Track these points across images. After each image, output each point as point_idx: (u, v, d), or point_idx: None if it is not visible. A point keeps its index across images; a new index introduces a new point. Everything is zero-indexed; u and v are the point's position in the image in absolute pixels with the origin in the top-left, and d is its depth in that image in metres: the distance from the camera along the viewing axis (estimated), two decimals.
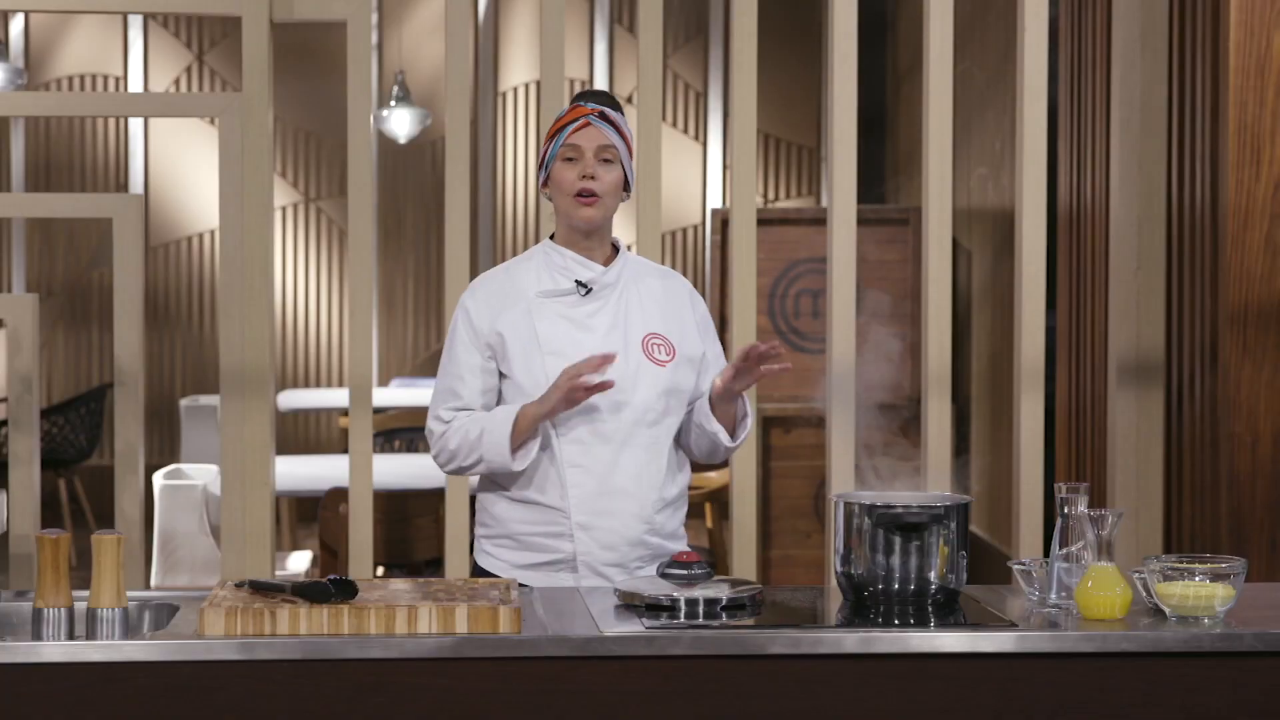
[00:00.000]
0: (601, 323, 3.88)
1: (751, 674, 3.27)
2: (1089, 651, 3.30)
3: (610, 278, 3.91)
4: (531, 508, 3.85)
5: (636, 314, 3.91)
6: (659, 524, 3.86)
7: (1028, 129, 5.38)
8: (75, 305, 11.80)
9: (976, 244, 8.94)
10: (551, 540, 3.84)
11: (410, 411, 9.30)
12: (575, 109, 3.87)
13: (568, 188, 3.85)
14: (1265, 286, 4.99)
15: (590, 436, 3.82)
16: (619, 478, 3.82)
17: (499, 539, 3.90)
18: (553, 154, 3.87)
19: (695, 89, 11.88)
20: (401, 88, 10.76)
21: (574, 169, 3.85)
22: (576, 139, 3.84)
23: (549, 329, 3.86)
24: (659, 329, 3.91)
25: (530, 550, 3.85)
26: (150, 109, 5.91)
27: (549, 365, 3.83)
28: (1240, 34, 5.00)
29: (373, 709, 3.22)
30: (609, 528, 3.82)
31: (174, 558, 6.59)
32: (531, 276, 3.92)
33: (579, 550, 3.82)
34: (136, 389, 5.34)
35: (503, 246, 11.83)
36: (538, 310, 3.88)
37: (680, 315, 3.96)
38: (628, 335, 3.88)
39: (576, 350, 3.83)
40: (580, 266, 3.90)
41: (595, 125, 3.85)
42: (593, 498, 3.81)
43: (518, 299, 3.89)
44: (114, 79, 11.76)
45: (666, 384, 3.87)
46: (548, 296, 3.89)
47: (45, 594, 3.24)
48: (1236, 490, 5.00)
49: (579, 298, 3.89)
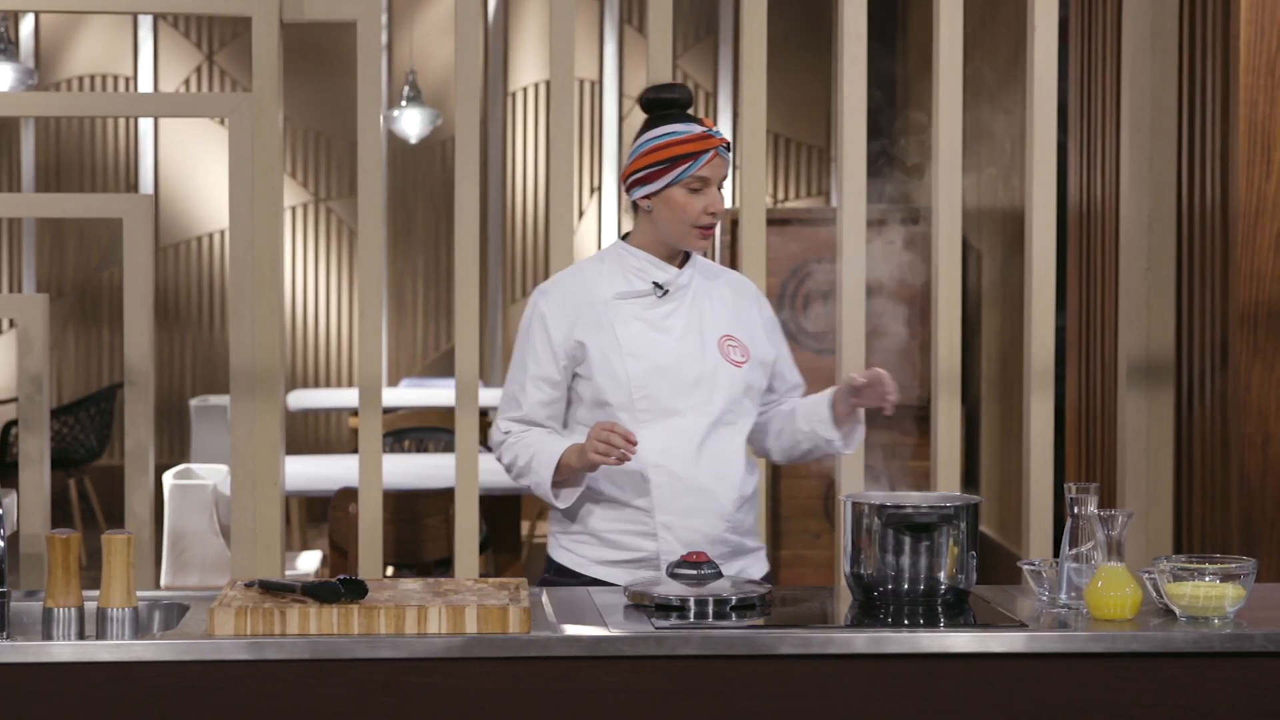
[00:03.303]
0: (677, 324, 3.89)
1: (761, 674, 3.27)
2: (1099, 652, 3.30)
3: (684, 279, 3.92)
4: (614, 506, 3.88)
5: (710, 315, 3.92)
6: (738, 521, 3.89)
7: (1038, 129, 5.37)
8: (85, 305, 11.81)
9: (986, 244, 8.94)
10: (634, 539, 3.86)
11: (420, 411, 9.30)
12: (706, 139, 3.82)
13: (690, 218, 3.84)
14: (1276, 286, 4.99)
15: (671, 436, 3.83)
16: (700, 477, 3.83)
17: (579, 535, 3.92)
18: (676, 179, 3.82)
19: (705, 89, 11.88)
20: (412, 88, 10.77)
21: (699, 200, 3.83)
22: (706, 172, 3.82)
23: (627, 331, 3.87)
24: (731, 330, 3.92)
25: (612, 548, 3.88)
26: (160, 109, 5.91)
27: (630, 367, 3.84)
28: (1250, 33, 4.99)
29: (382, 709, 3.22)
30: (691, 526, 3.84)
31: (184, 557, 6.60)
32: (604, 279, 3.92)
33: (661, 549, 3.84)
34: (146, 389, 5.34)
35: (512, 247, 11.83)
36: (614, 313, 3.88)
37: (749, 317, 3.99)
38: (703, 336, 3.89)
39: (655, 352, 3.85)
40: (655, 268, 3.91)
41: (721, 156, 3.84)
42: (675, 497, 3.83)
43: (593, 302, 3.89)
44: (124, 79, 11.77)
45: (743, 384, 3.90)
46: (624, 298, 3.89)
47: (55, 594, 3.25)
48: (1247, 490, 4.99)
49: (655, 299, 3.90)
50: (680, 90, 3.90)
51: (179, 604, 3.57)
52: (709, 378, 3.86)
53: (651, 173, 3.85)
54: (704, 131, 3.83)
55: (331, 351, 11.92)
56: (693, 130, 3.83)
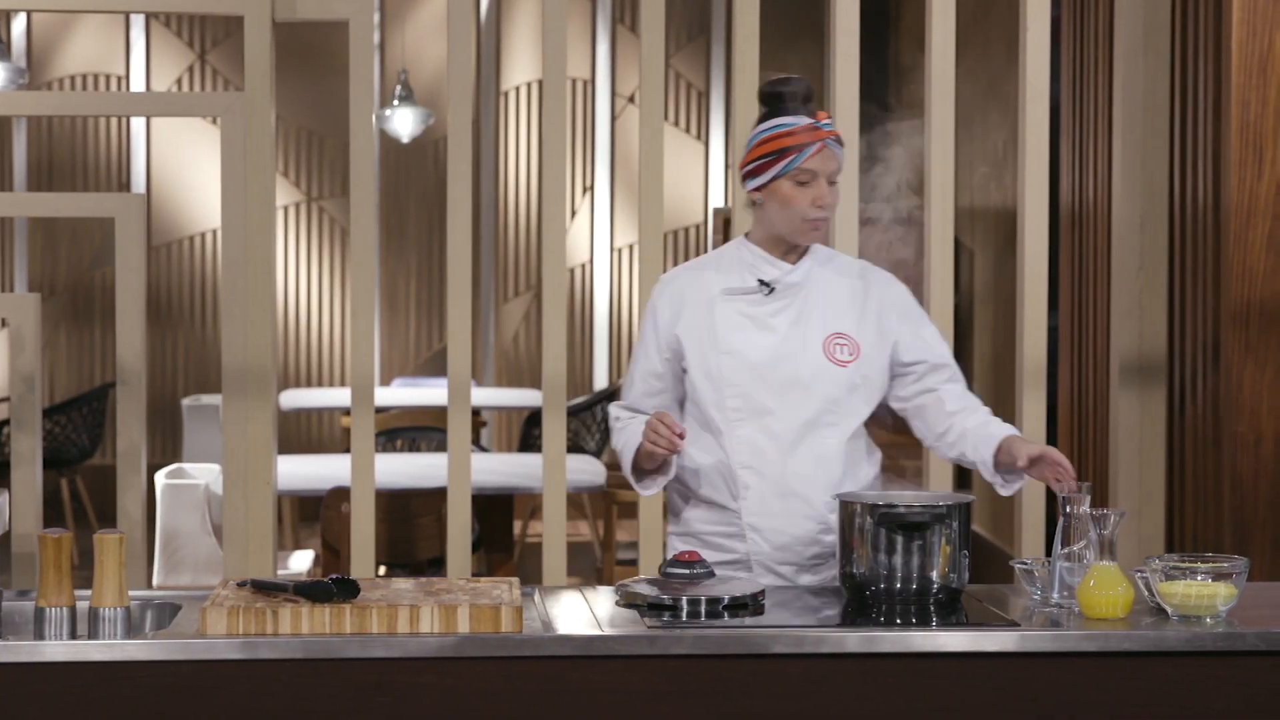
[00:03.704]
0: (783, 322, 3.85)
1: (754, 673, 3.27)
2: (1091, 651, 3.30)
3: (796, 277, 3.88)
4: (709, 507, 3.89)
5: (821, 313, 3.86)
6: (833, 523, 3.76)
7: (1030, 128, 5.37)
8: (77, 305, 11.80)
9: (979, 243, 8.94)
10: (727, 540, 3.87)
11: (412, 411, 9.30)
12: (813, 131, 3.79)
13: (798, 211, 3.79)
14: (1268, 285, 4.99)
15: (762, 437, 3.82)
16: (790, 479, 3.82)
17: (684, 536, 3.94)
18: (782, 170, 3.79)
19: (698, 88, 11.87)
20: (404, 87, 10.76)
21: (807, 194, 3.78)
22: (813, 164, 3.78)
23: (728, 327, 3.85)
24: (845, 328, 3.86)
25: (710, 548, 3.88)
26: (152, 108, 5.91)
27: (723, 364, 3.83)
28: (1242, 33, 4.99)
29: (375, 708, 3.22)
30: (779, 528, 3.83)
31: (176, 557, 6.59)
32: (720, 274, 3.90)
33: (751, 550, 3.84)
34: (139, 388, 5.33)
35: (505, 246, 11.83)
36: (720, 308, 3.87)
37: (871, 308, 3.89)
38: (808, 335, 3.84)
39: (752, 350, 3.83)
40: (767, 265, 3.88)
41: (830, 148, 3.79)
42: (764, 499, 3.82)
43: (701, 298, 3.89)
44: (116, 78, 11.76)
45: (848, 384, 3.83)
46: (732, 294, 3.88)
47: (48, 593, 3.24)
48: (1239, 489, 5.00)
49: (762, 296, 3.87)
50: (795, 83, 3.85)
51: (171, 604, 3.56)
52: (807, 378, 3.81)
53: (760, 165, 3.82)
54: (811, 123, 3.79)
55: (324, 351, 11.91)
56: (800, 122, 3.80)
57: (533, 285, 11.82)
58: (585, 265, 11.82)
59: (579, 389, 11.73)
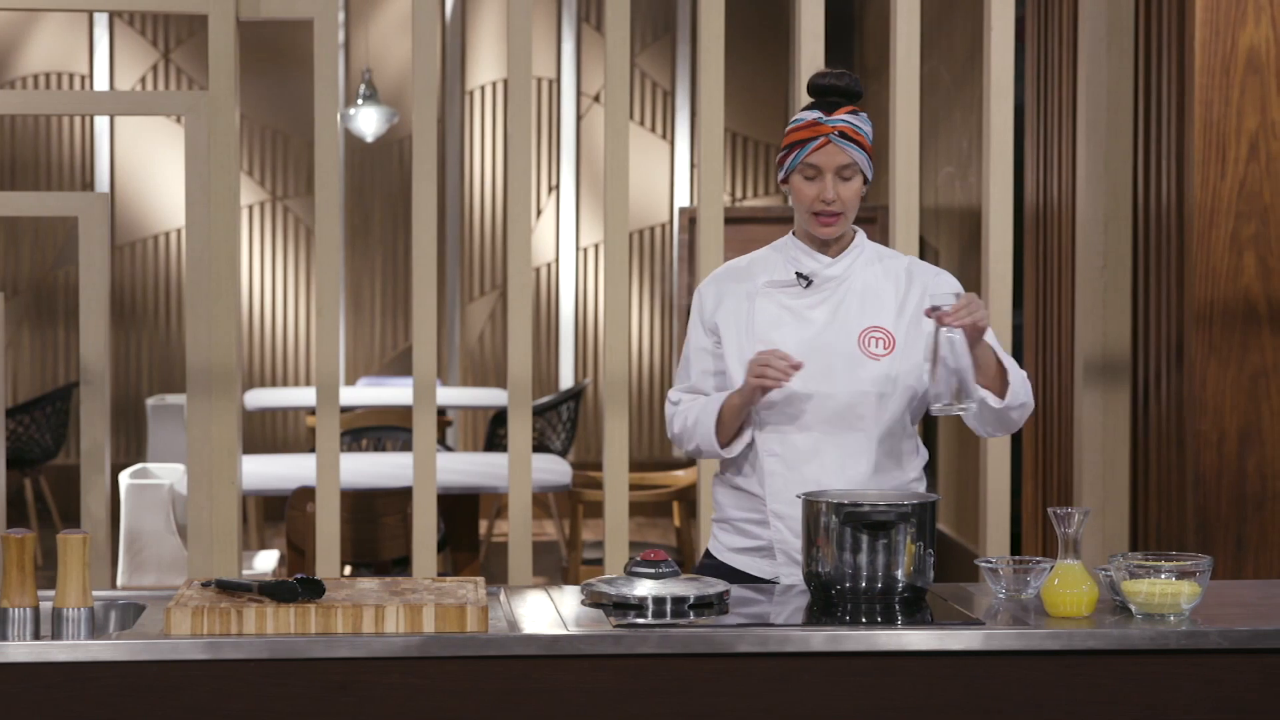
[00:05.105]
0: (821, 315, 3.86)
1: (719, 672, 3.27)
2: (1056, 649, 3.31)
3: (835, 270, 3.87)
4: (739, 493, 3.90)
5: (860, 306, 3.85)
6: None
7: (994, 128, 5.39)
8: (41, 304, 11.75)
9: (944, 242, 8.96)
10: (754, 526, 3.88)
11: (378, 410, 9.28)
12: (815, 126, 3.79)
13: (806, 204, 3.81)
14: (1230, 284, 5.01)
15: (789, 425, 3.82)
16: (815, 469, 3.81)
17: (721, 523, 3.96)
18: (792, 165, 3.81)
19: (663, 87, 11.88)
20: (368, 86, 10.74)
21: (813, 188, 3.80)
22: (815, 159, 3.78)
23: (766, 319, 3.86)
24: (883, 321, 3.84)
25: (740, 535, 3.90)
26: (116, 107, 5.89)
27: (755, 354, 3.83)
28: (1206, 33, 5.01)
29: (340, 708, 3.21)
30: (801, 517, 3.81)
31: (140, 557, 6.57)
32: (766, 266, 3.92)
33: (774, 537, 3.84)
34: (103, 388, 5.32)
35: (470, 245, 11.82)
36: (761, 299, 3.88)
37: (907, 305, 3.87)
38: (844, 329, 3.84)
39: (786, 341, 3.82)
40: (807, 258, 3.88)
41: (835, 144, 3.78)
42: (788, 487, 3.82)
43: (744, 289, 3.90)
44: (79, 77, 11.71)
45: (882, 377, 3.82)
46: (773, 286, 3.89)
47: (10, 594, 3.23)
48: (1203, 488, 5.01)
49: (801, 289, 3.87)
50: (839, 77, 3.84)
51: (135, 604, 3.55)
52: (838, 371, 3.81)
53: (779, 159, 3.86)
54: (815, 118, 3.79)
55: (289, 350, 11.89)
56: (805, 117, 3.81)
57: (498, 284, 11.81)
58: (551, 265, 11.81)
59: (544, 388, 11.73)
